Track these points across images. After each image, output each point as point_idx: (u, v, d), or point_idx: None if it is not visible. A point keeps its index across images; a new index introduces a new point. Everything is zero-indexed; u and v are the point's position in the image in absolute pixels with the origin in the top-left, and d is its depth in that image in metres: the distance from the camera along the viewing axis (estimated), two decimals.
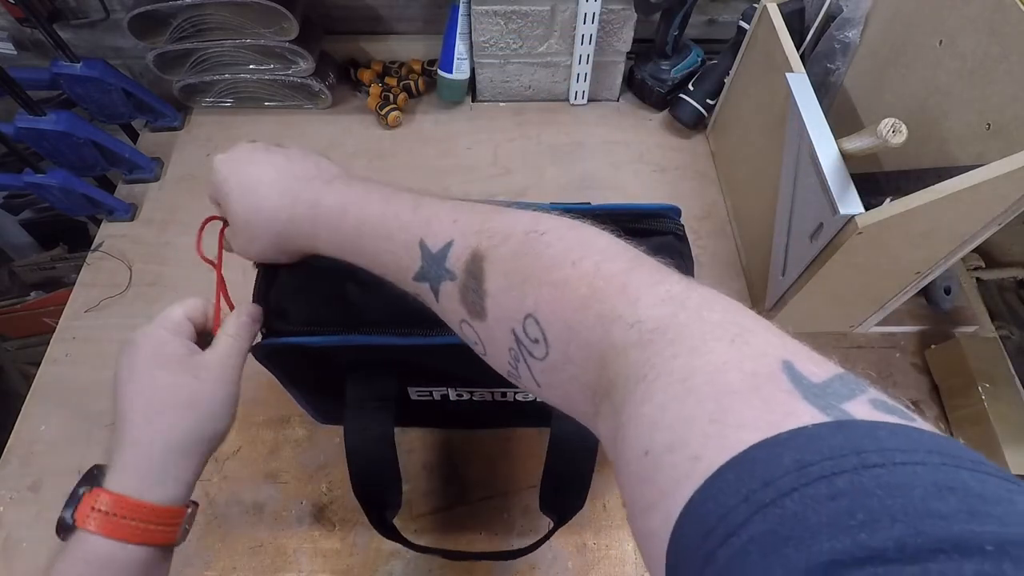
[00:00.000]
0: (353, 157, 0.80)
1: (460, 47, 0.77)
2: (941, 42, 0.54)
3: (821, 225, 0.51)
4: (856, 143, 0.48)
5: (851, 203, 0.47)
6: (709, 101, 0.79)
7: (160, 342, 0.36)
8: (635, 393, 0.21)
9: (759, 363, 0.19)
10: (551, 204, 0.46)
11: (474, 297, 0.28)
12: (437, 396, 0.51)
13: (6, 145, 0.65)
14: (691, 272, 0.46)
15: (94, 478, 0.33)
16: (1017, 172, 0.43)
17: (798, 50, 0.60)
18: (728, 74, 0.74)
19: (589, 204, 0.47)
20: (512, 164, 0.80)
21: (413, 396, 0.51)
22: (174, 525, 0.34)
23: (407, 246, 0.31)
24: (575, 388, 0.25)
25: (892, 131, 0.45)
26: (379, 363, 0.44)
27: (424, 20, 0.83)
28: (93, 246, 0.72)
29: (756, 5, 0.66)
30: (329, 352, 0.43)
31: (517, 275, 0.27)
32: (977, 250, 0.64)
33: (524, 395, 0.51)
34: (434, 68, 0.81)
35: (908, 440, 0.15)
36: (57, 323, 0.67)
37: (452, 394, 0.51)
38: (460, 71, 0.79)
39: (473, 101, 0.86)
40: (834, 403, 0.17)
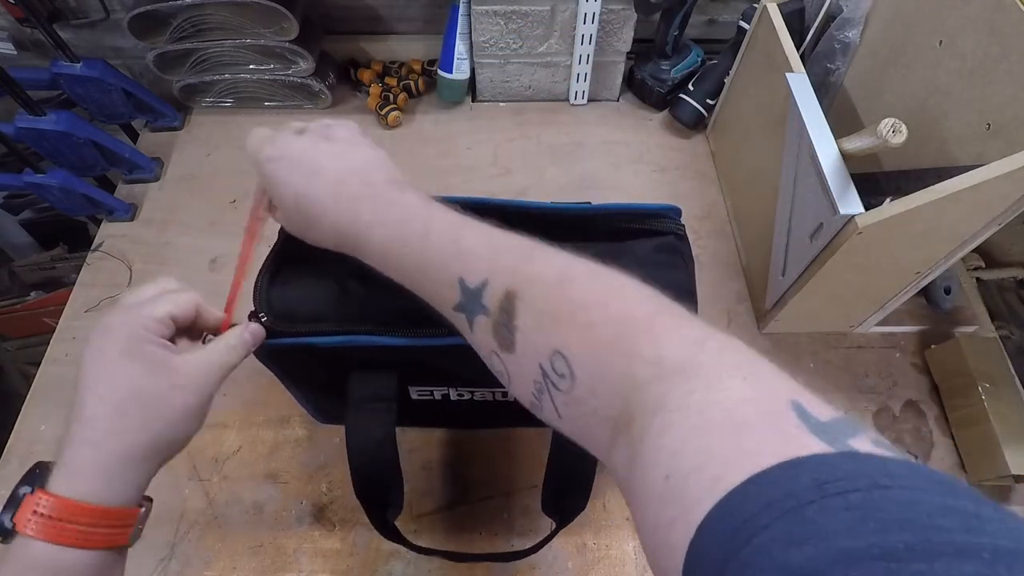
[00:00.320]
0: None
1: (460, 47, 0.77)
2: (941, 42, 0.54)
3: (821, 225, 0.51)
4: (856, 143, 0.48)
5: (851, 203, 0.47)
6: (709, 101, 0.79)
7: (137, 336, 0.33)
8: (654, 424, 0.23)
9: (771, 401, 0.21)
10: (551, 203, 0.47)
11: (505, 332, 0.30)
12: (438, 396, 0.51)
13: (6, 145, 0.65)
14: (692, 271, 0.46)
15: (37, 477, 0.31)
16: (1017, 172, 0.43)
17: (798, 50, 0.60)
18: (728, 74, 0.74)
19: (590, 204, 0.47)
20: (512, 164, 0.80)
21: (414, 396, 0.51)
22: (126, 527, 0.32)
23: (448, 282, 0.32)
24: (595, 420, 0.27)
25: (892, 131, 0.45)
26: (381, 362, 0.44)
27: (424, 20, 0.83)
28: (93, 246, 0.72)
29: (756, 5, 0.66)
30: (331, 351, 0.42)
31: (547, 315, 0.29)
32: (977, 250, 0.64)
33: None
34: (434, 68, 0.81)
35: (913, 471, 0.17)
36: (57, 323, 0.67)
37: (453, 394, 0.51)
38: (460, 71, 0.79)
39: (473, 101, 0.86)
40: (840, 438, 0.19)
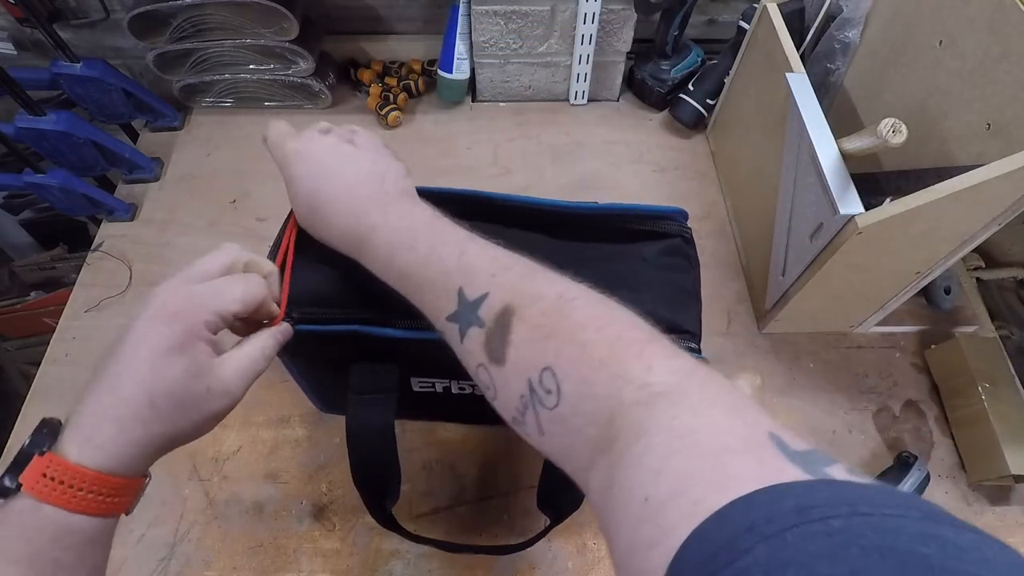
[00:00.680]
0: None
1: (460, 47, 0.77)
2: (941, 42, 0.54)
3: (821, 225, 0.51)
4: (856, 143, 0.48)
5: (851, 203, 0.47)
6: (709, 101, 0.79)
7: (194, 332, 0.33)
8: (636, 446, 0.23)
9: (750, 431, 0.22)
10: (560, 201, 0.46)
11: (497, 344, 0.30)
12: (440, 389, 0.51)
13: (6, 145, 0.65)
14: (698, 275, 0.46)
15: (45, 438, 0.31)
16: (1017, 172, 0.43)
17: (798, 50, 0.60)
18: (728, 74, 0.74)
19: (596, 204, 0.47)
20: (512, 164, 0.80)
21: (416, 387, 0.51)
22: (129, 497, 0.32)
23: (447, 291, 0.33)
24: (578, 440, 0.27)
25: (892, 131, 0.45)
26: (384, 352, 0.44)
27: (424, 20, 0.83)
28: (93, 246, 0.72)
29: (756, 5, 0.66)
30: (335, 337, 0.43)
31: (542, 331, 0.29)
32: (977, 250, 0.64)
33: None
34: (434, 68, 0.81)
35: (893, 497, 0.18)
36: (57, 323, 0.67)
37: (455, 387, 0.51)
38: (460, 71, 0.79)
39: (473, 101, 0.86)
40: (818, 467, 0.20)
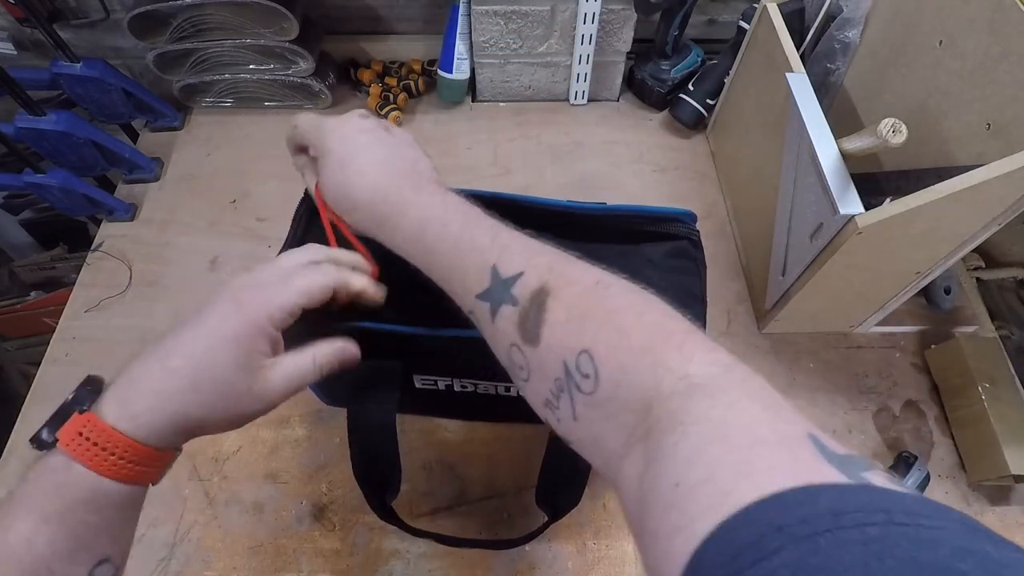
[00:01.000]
0: None
1: (460, 47, 0.77)
2: (941, 42, 0.54)
3: (821, 225, 0.51)
4: (856, 143, 0.48)
5: (851, 203, 0.47)
6: (709, 101, 0.79)
7: (257, 325, 0.33)
8: (672, 435, 0.23)
9: (788, 428, 0.21)
10: (567, 201, 0.46)
11: (532, 324, 0.30)
12: (442, 386, 0.52)
13: (6, 145, 0.65)
14: (704, 277, 0.47)
15: (87, 396, 0.31)
16: (1017, 172, 0.43)
17: (798, 50, 0.60)
18: (728, 74, 0.74)
19: (604, 204, 0.47)
20: (512, 164, 0.80)
21: (418, 384, 0.51)
22: (159, 468, 0.33)
23: (479, 268, 0.32)
24: (612, 427, 0.27)
25: (892, 131, 0.45)
26: (388, 348, 0.45)
27: (424, 20, 0.83)
28: (93, 246, 0.72)
29: (756, 5, 0.66)
30: (347, 334, 0.43)
31: (579, 311, 0.29)
32: (977, 250, 0.64)
33: None
34: (434, 68, 0.81)
35: (932, 508, 0.17)
36: (57, 323, 0.67)
37: (457, 385, 0.51)
38: (460, 71, 0.79)
39: (473, 101, 0.86)
40: (855, 471, 0.19)
